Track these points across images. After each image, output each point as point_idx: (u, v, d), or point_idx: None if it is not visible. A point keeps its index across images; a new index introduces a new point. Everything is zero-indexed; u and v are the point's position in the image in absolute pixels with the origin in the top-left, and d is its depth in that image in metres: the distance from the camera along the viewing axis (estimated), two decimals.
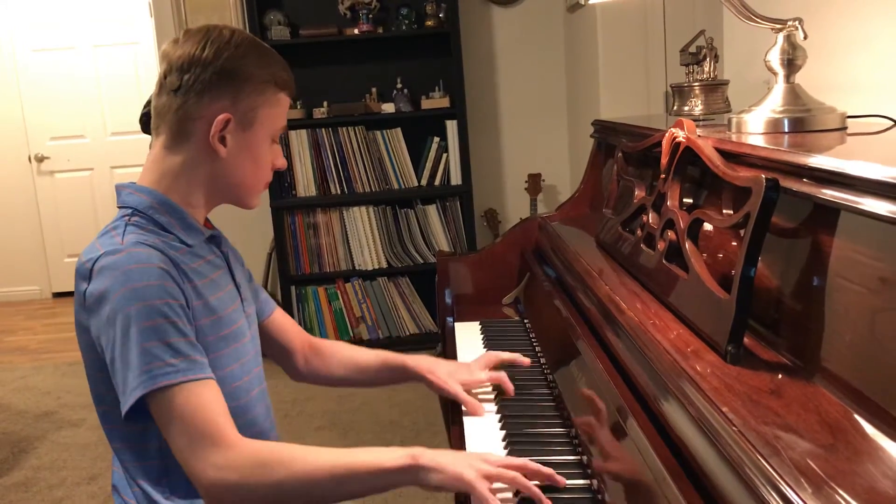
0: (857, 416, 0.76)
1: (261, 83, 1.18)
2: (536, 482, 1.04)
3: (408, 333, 4.08)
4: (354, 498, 1.09)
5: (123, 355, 1.05)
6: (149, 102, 1.23)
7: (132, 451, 1.16)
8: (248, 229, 4.02)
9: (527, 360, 1.47)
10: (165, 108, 1.17)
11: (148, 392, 1.03)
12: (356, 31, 3.93)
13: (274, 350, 1.46)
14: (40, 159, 5.69)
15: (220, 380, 1.14)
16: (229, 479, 1.02)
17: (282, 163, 1.26)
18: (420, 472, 1.03)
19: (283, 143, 3.89)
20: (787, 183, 0.93)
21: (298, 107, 3.91)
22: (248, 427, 1.21)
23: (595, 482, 1.04)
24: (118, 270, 1.06)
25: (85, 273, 1.10)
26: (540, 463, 1.08)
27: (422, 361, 1.43)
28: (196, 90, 1.15)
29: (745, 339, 0.94)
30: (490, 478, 1.03)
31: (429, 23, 3.96)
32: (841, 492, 0.64)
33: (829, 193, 0.86)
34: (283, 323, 1.46)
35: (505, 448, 1.20)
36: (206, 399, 1.05)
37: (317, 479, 1.04)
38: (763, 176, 0.92)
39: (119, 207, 1.19)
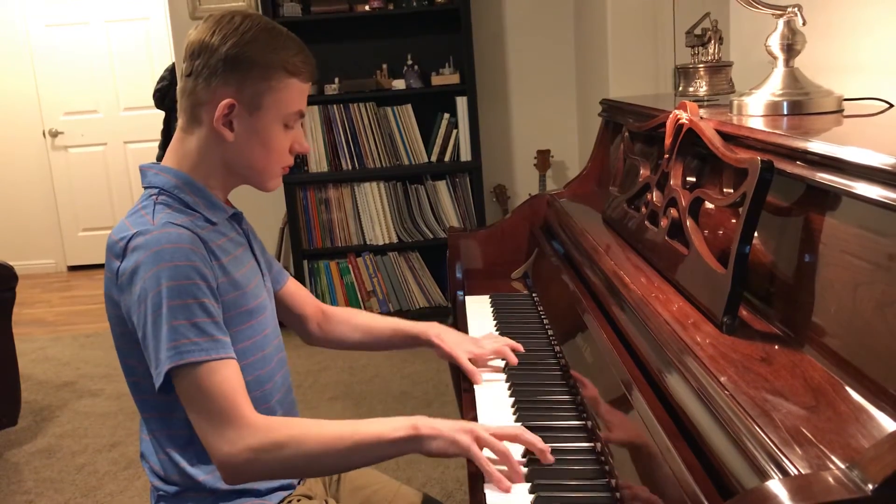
0: (839, 380, 0.82)
1: (268, 69, 1.19)
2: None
3: (418, 307, 4.16)
4: (361, 467, 1.16)
5: (154, 331, 1.11)
6: (162, 78, 1.29)
7: (160, 420, 1.23)
8: (261, 204, 4.08)
9: (519, 349, 1.47)
10: (181, 92, 1.22)
11: (174, 367, 1.09)
12: (367, 8, 3.96)
13: (288, 317, 1.51)
14: (54, 134, 5.76)
15: (243, 352, 1.20)
16: (242, 456, 1.08)
17: (302, 147, 1.28)
18: (421, 441, 1.10)
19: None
20: (783, 165, 0.99)
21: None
22: (268, 395, 1.28)
23: (599, 445, 1.11)
24: (150, 249, 1.12)
25: (118, 251, 1.15)
26: (547, 427, 1.15)
27: (432, 328, 1.50)
28: (204, 76, 1.19)
29: (741, 311, 1.01)
30: (481, 442, 1.09)
31: None
32: (821, 447, 0.71)
33: (822, 176, 0.92)
34: (296, 292, 1.52)
35: (514, 414, 1.27)
36: (225, 377, 1.11)
37: (326, 453, 1.11)
38: (759, 158, 0.98)
39: (145, 188, 1.24)
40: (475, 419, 1.26)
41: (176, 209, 1.19)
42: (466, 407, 1.35)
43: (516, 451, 1.11)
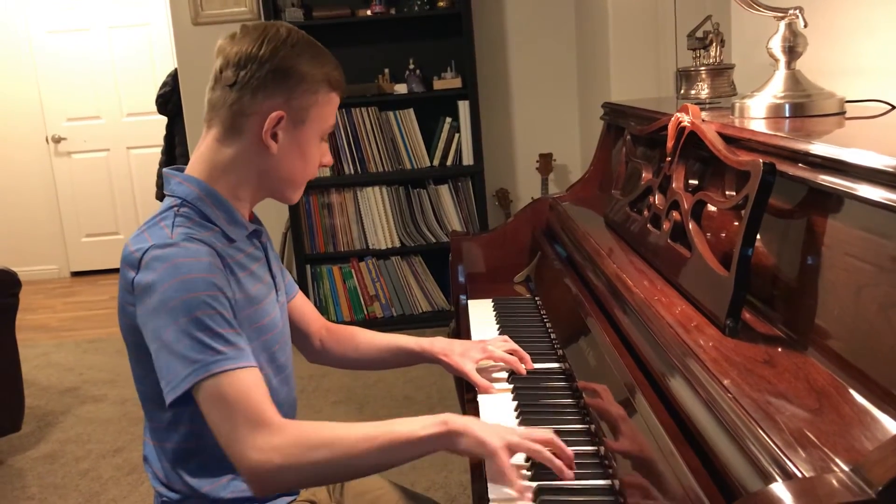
0: (842, 383, 0.82)
1: (315, 82, 1.21)
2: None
3: (420, 311, 4.16)
4: (391, 468, 1.13)
5: (172, 345, 1.08)
6: (165, 84, 1.28)
7: (166, 432, 1.22)
8: (264, 209, 4.06)
9: (530, 366, 1.45)
10: (220, 103, 1.20)
11: (199, 381, 1.07)
12: (369, 12, 3.98)
13: (292, 332, 1.48)
14: (57, 140, 5.78)
15: None
16: (273, 462, 1.05)
17: (328, 160, 1.30)
18: (452, 437, 1.08)
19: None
20: (785, 167, 0.99)
21: None
22: None
23: (602, 448, 1.11)
24: (168, 263, 1.10)
25: (133, 262, 1.14)
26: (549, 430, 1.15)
27: (436, 344, 1.47)
28: (251, 87, 1.18)
29: (744, 314, 1.01)
30: (513, 447, 1.07)
31: (441, 3, 4.00)
32: (825, 450, 0.70)
33: (824, 179, 0.91)
34: (303, 307, 1.50)
35: (517, 417, 1.27)
36: (250, 384, 1.09)
37: (357, 455, 1.08)
38: (761, 160, 0.97)
39: (167, 195, 1.23)
40: None
41: (196, 222, 1.18)
42: (470, 412, 1.35)
43: (518, 457, 1.11)
